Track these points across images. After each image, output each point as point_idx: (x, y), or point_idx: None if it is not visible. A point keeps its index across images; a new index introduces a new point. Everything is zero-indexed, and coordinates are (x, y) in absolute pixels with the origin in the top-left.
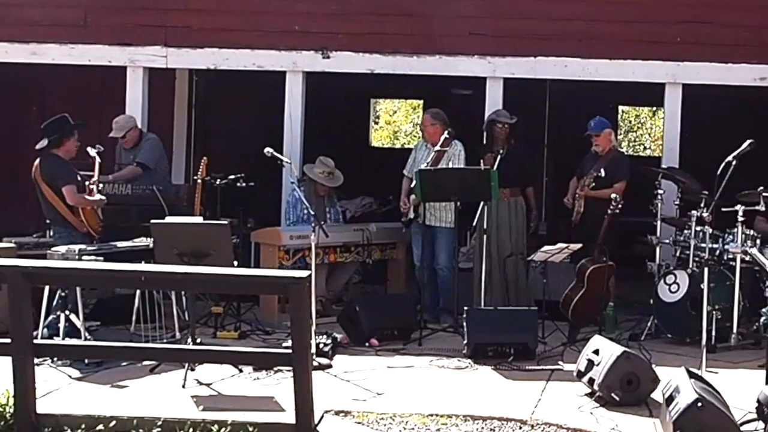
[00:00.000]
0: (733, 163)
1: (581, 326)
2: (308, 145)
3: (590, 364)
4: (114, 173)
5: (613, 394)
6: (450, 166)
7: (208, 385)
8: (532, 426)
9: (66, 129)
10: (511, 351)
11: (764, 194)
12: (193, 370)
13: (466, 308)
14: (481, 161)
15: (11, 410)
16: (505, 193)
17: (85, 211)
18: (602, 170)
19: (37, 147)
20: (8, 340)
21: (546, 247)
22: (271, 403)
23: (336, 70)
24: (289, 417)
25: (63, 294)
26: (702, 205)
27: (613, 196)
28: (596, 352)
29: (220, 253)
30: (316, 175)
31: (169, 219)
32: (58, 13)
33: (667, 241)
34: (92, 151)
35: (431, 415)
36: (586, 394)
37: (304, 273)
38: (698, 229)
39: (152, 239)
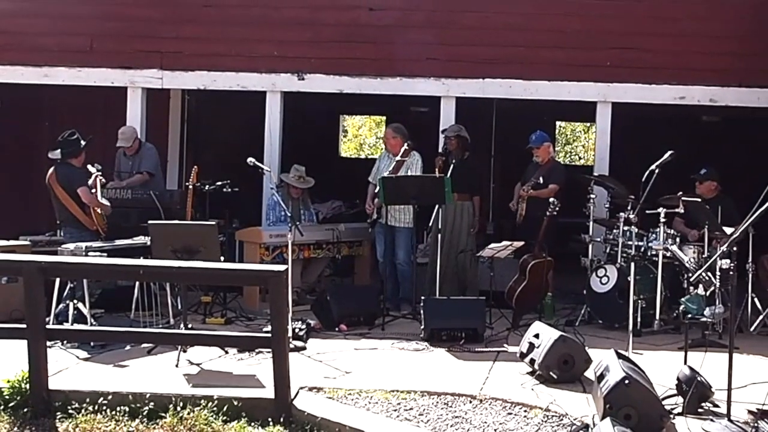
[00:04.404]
0: (656, 171)
1: (523, 313)
2: (285, 155)
3: (531, 346)
4: (121, 180)
5: (551, 373)
6: (409, 173)
7: (198, 364)
8: (481, 400)
9: (80, 144)
10: (462, 335)
11: (682, 198)
12: (185, 351)
13: (423, 298)
14: (436, 169)
15: (26, 386)
16: (453, 197)
17: (93, 212)
18: (541, 178)
19: (51, 156)
20: (24, 326)
21: (493, 245)
22: (253, 380)
23: (310, 90)
24: (268, 392)
25: (72, 285)
26: (629, 207)
27: (551, 199)
28: (536, 336)
29: (209, 250)
30: (289, 179)
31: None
32: (67, 40)
33: (599, 239)
34: (92, 169)
35: (393, 391)
36: (527, 373)
37: (281, 267)
38: (625, 228)
39: (150, 238)
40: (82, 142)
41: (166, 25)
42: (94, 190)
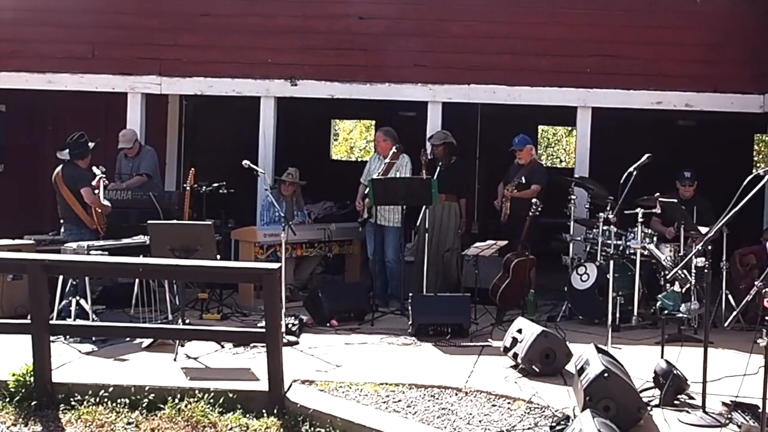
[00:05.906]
0: (634, 173)
1: (507, 309)
2: (279, 158)
3: (514, 341)
4: (122, 182)
5: (533, 366)
6: (398, 175)
7: (195, 358)
8: (466, 393)
9: (88, 147)
10: (449, 330)
11: (659, 199)
12: (182, 346)
13: (410, 294)
14: (423, 171)
15: (31, 380)
16: (441, 197)
17: (95, 212)
18: (523, 178)
19: (59, 156)
20: (28, 321)
21: (477, 243)
22: (248, 373)
23: (302, 95)
24: (263, 385)
25: (74, 282)
26: (608, 208)
27: (533, 200)
28: (519, 331)
29: (206, 249)
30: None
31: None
32: (70, 48)
33: (579, 238)
34: (97, 171)
35: (382, 384)
36: (511, 366)
37: (275, 265)
38: (605, 228)
39: (149, 237)
40: (90, 145)
41: (164, 33)
42: (97, 191)
